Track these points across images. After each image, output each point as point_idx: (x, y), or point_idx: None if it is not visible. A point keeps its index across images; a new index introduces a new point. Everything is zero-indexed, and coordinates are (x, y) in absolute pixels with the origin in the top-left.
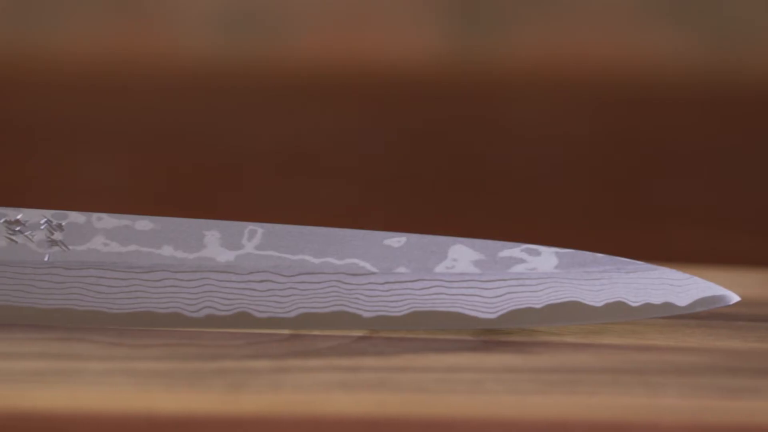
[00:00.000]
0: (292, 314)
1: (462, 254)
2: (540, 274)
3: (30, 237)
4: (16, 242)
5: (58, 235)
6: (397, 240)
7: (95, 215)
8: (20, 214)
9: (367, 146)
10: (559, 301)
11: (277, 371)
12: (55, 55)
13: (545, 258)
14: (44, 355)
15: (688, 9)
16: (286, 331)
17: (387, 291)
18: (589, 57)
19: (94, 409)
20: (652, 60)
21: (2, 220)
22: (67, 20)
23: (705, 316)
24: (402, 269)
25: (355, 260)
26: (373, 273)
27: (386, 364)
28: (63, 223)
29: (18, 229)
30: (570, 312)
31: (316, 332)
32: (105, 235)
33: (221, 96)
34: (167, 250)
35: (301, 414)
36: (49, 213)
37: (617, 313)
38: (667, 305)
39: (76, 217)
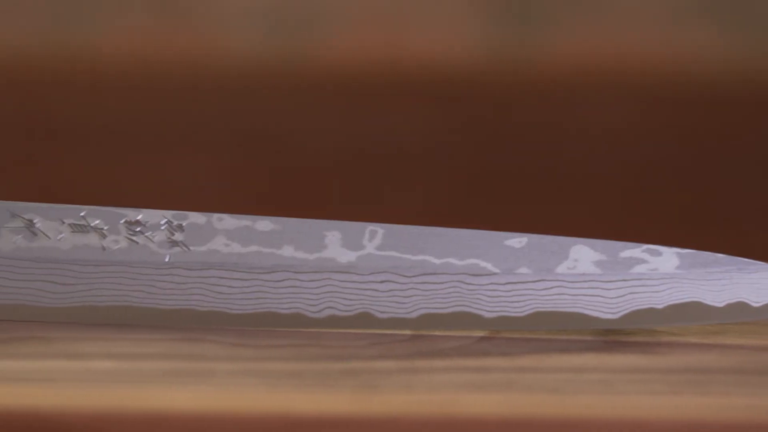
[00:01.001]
0: (414, 315)
1: (583, 254)
2: (661, 274)
3: (150, 238)
4: (137, 243)
5: (178, 236)
6: (518, 240)
7: (215, 216)
8: (140, 215)
9: (427, 145)
10: (680, 301)
11: (406, 372)
12: (102, 55)
13: (666, 258)
14: (170, 355)
15: (740, 7)
16: (407, 332)
17: (509, 291)
18: (638, 55)
19: (227, 410)
20: (704, 58)
21: (122, 221)
22: (118, 21)
23: None
24: (523, 269)
25: (476, 261)
26: (495, 273)
27: (513, 365)
28: (183, 224)
29: (138, 229)
30: (691, 312)
31: (437, 333)
32: (226, 236)
33: (271, 96)
34: (288, 251)
35: (434, 414)
36: (169, 213)
37: (738, 313)
38: None
39: (196, 217)
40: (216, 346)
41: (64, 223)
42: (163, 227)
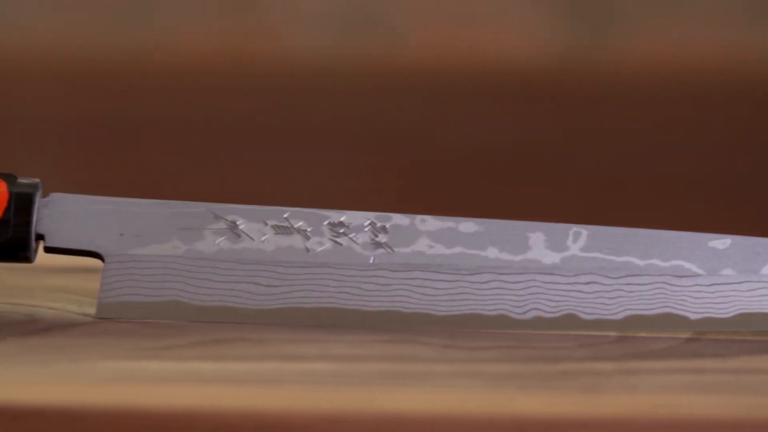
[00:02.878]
0: (619, 316)
1: None
2: None
3: (354, 239)
4: (341, 245)
5: (382, 237)
6: (722, 242)
7: (418, 217)
8: (344, 216)
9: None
10: None
11: (623, 373)
12: (174, 55)
13: None
14: (386, 357)
15: None
16: (612, 333)
17: (713, 293)
18: (705, 55)
19: (452, 411)
20: None
21: (326, 222)
22: (185, 20)
23: None
24: (728, 271)
25: (681, 262)
26: (699, 275)
27: (728, 366)
28: (387, 225)
29: (342, 231)
30: None
31: (642, 334)
32: (429, 237)
33: (341, 96)
34: (492, 252)
35: (659, 416)
36: (372, 215)
37: None
38: None
39: (399, 219)
40: (427, 347)
41: (267, 224)
42: (366, 229)
